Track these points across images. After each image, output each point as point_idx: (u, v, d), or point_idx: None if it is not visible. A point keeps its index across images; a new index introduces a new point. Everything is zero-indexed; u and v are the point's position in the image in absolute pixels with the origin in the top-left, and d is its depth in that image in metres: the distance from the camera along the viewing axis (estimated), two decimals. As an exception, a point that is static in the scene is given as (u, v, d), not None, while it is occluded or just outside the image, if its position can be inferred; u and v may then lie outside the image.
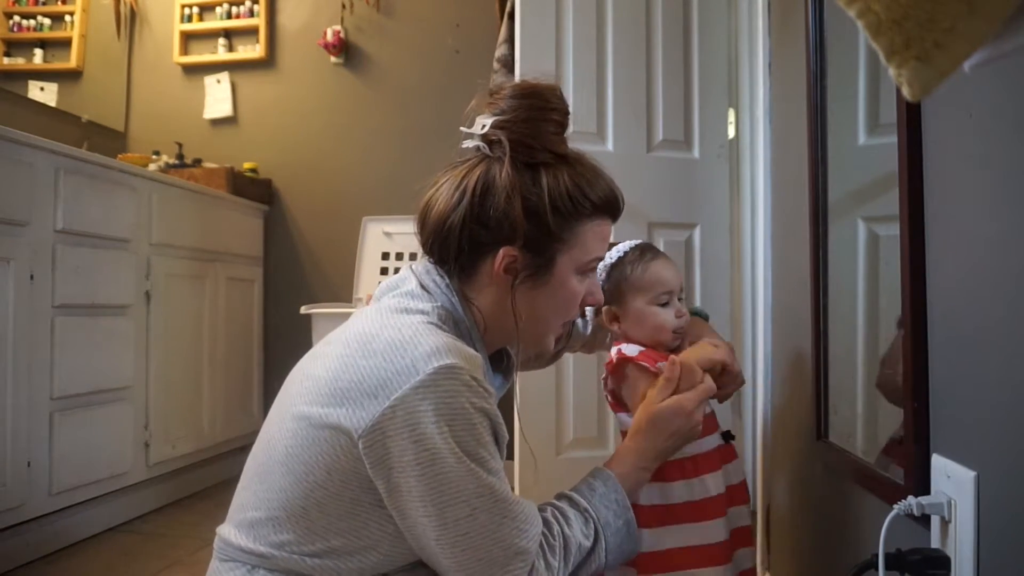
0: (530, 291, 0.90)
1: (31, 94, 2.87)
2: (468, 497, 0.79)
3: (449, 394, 0.78)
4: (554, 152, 0.90)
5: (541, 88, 0.91)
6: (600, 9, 2.36)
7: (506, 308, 0.90)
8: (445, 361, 0.78)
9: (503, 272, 0.88)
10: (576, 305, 0.94)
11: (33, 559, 1.91)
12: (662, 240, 2.37)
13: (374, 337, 0.82)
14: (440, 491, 0.78)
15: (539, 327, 0.93)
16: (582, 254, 0.91)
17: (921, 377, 0.80)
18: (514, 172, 0.86)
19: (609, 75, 2.35)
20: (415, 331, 0.81)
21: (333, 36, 3.02)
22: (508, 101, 0.89)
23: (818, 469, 1.25)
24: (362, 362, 0.81)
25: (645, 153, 2.36)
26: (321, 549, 0.82)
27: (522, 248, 0.87)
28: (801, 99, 1.32)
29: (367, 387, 0.79)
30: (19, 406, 1.83)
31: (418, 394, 0.77)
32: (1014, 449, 0.61)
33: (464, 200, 0.87)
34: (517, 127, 0.87)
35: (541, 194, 0.87)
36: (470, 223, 0.87)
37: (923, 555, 0.71)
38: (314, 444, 0.81)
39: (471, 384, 0.79)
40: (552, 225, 0.88)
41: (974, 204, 0.70)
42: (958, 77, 0.43)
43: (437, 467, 0.77)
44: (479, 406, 0.80)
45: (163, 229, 2.38)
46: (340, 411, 0.80)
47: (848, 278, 1.11)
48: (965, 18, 0.39)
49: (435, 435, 0.77)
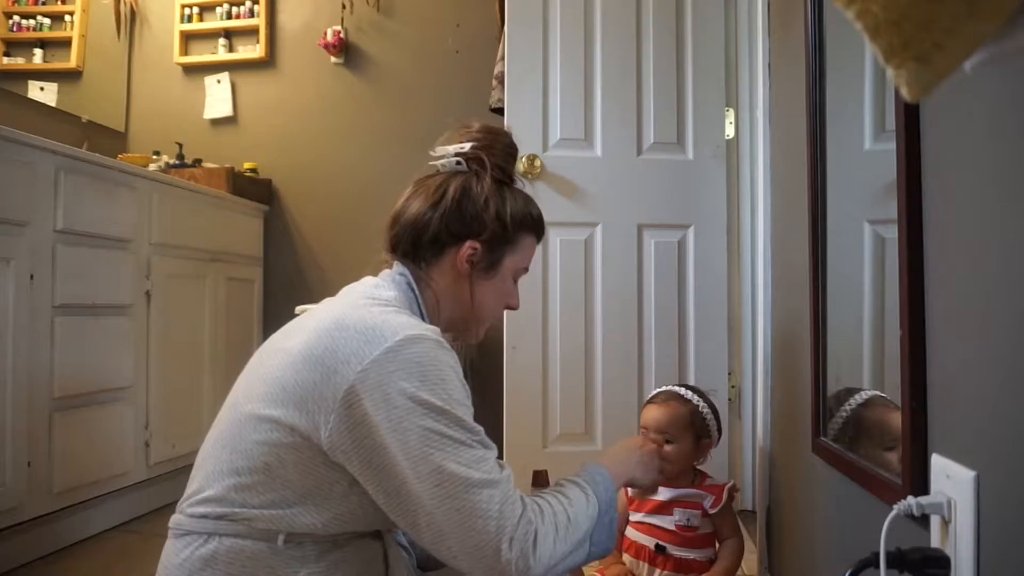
0: (481, 281, 1.10)
1: (31, 94, 2.87)
2: (431, 451, 0.87)
3: (417, 355, 0.89)
4: (511, 178, 1.14)
5: (500, 128, 1.17)
6: (588, 17, 2.38)
7: (457, 294, 1.09)
8: (412, 332, 0.91)
9: (465, 261, 1.07)
10: (505, 302, 1.16)
11: (33, 559, 1.91)
12: (653, 241, 2.38)
13: (346, 316, 0.95)
14: (408, 446, 0.86)
15: (480, 314, 1.13)
16: (520, 260, 1.14)
17: (920, 377, 0.80)
18: (492, 184, 1.09)
19: (598, 80, 2.37)
20: (383, 312, 0.95)
21: (333, 36, 3.02)
22: (481, 133, 1.12)
23: (818, 469, 1.25)
24: (337, 334, 0.91)
25: (635, 156, 2.38)
26: (278, 499, 0.89)
27: (484, 243, 1.08)
28: (801, 99, 1.32)
29: (341, 356, 0.89)
30: (19, 406, 1.83)
31: (387, 356, 0.88)
32: (1014, 449, 0.62)
33: (444, 202, 1.07)
34: (490, 150, 1.10)
35: (506, 203, 1.09)
36: (448, 218, 1.06)
37: (923, 554, 0.71)
38: (281, 407, 0.90)
39: (438, 345, 0.92)
40: (509, 228, 1.09)
41: (973, 204, 0.70)
42: (958, 78, 0.43)
43: (410, 420, 0.87)
44: (448, 363, 0.92)
45: (163, 229, 2.38)
46: (316, 374, 0.89)
47: (855, 282, 1.11)
48: (964, 19, 0.39)
49: (407, 390, 0.87)
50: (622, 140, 2.37)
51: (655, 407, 1.51)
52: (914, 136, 0.82)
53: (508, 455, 2.30)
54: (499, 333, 2.40)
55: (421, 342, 0.90)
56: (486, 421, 0.96)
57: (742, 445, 2.45)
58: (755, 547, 1.92)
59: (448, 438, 0.88)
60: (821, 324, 1.22)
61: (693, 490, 1.49)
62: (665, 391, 1.54)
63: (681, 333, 2.37)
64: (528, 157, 2.32)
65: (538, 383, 2.33)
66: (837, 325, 1.18)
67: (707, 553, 1.48)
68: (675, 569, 1.45)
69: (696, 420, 1.48)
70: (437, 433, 0.87)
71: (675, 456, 1.47)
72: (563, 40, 2.37)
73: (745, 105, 2.47)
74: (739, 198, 2.47)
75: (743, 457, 2.45)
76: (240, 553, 0.88)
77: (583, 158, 2.36)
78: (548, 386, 2.34)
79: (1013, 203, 0.62)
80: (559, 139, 2.36)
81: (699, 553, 1.47)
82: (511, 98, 2.36)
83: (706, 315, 2.38)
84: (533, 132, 2.35)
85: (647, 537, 1.48)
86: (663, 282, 2.37)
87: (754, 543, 1.98)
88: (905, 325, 0.81)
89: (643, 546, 1.49)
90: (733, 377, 2.45)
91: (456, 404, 0.90)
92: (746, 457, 2.45)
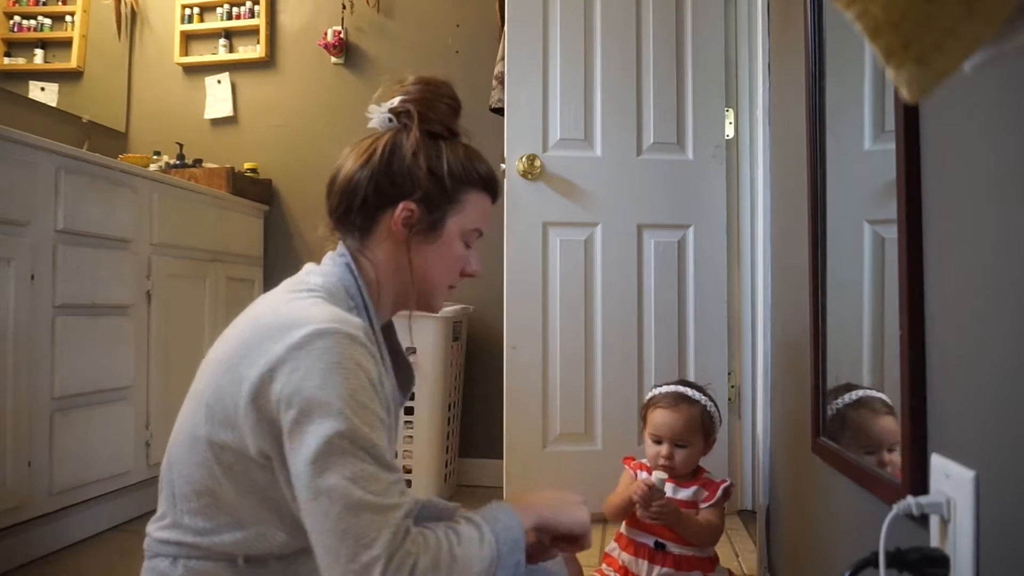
0: (422, 246, 1.00)
1: (32, 94, 2.87)
2: (319, 459, 0.79)
3: (320, 352, 0.82)
4: (449, 128, 1.03)
5: (438, 79, 1.06)
6: (588, 17, 2.38)
7: (399, 264, 1.00)
8: (319, 326, 0.83)
9: (400, 224, 0.98)
10: (458, 268, 1.05)
11: (33, 559, 1.91)
12: (653, 241, 2.38)
13: (263, 315, 0.90)
14: (303, 450, 0.80)
15: (428, 284, 1.03)
16: (467, 220, 1.03)
17: (919, 376, 0.80)
18: (420, 136, 0.99)
19: (598, 81, 2.38)
20: (302, 306, 0.88)
21: (333, 36, 3.02)
22: (412, 86, 1.03)
23: (818, 469, 1.25)
24: (249, 337, 0.87)
25: (635, 157, 2.38)
26: (233, 521, 0.86)
27: (419, 203, 0.98)
28: (800, 99, 1.33)
29: (251, 358, 0.85)
30: (19, 406, 1.83)
31: (289, 353, 0.82)
32: (1014, 449, 0.62)
33: (372, 160, 0.99)
34: (422, 103, 1.01)
35: (440, 157, 1.00)
36: (377, 177, 0.98)
37: (922, 554, 0.71)
38: (207, 423, 0.88)
39: (346, 342, 0.83)
40: (448, 185, 1.00)
41: (973, 204, 0.70)
42: (958, 78, 0.43)
43: (305, 424, 0.80)
44: (357, 362, 0.83)
45: (164, 229, 2.38)
46: (228, 386, 0.85)
47: (855, 282, 1.12)
48: (964, 20, 0.39)
49: (305, 390, 0.81)
50: (622, 140, 2.37)
51: (665, 412, 1.49)
52: (914, 136, 0.82)
53: (508, 455, 2.30)
54: (499, 333, 2.40)
55: (327, 337, 0.82)
56: (486, 421, 0.95)
57: (742, 445, 2.45)
58: (755, 547, 1.92)
59: (338, 448, 0.79)
60: (821, 324, 1.22)
61: (694, 488, 1.49)
62: (670, 393, 1.53)
63: (681, 333, 2.38)
64: (528, 157, 2.32)
65: (538, 383, 2.33)
66: (837, 325, 1.18)
67: (706, 551, 1.49)
68: (674, 566, 1.45)
69: (706, 419, 1.50)
70: (326, 441, 0.79)
71: (689, 459, 1.48)
72: (563, 40, 2.37)
73: (745, 105, 2.47)
74: (739, 198, 2.47)
75: (743, 457, 2.45)
76: (204, 574, 0.87)
77: (583, 158, 2.36)
78: (548, 386, 2.34)
79: (1013, 203, 0.62)
80: (559, 139, 2.36)
81: (699, 551, 1.47)
82: (511, 98, 2.36)
83: (706, 315, 2.38)
84: (533, 132, 2.35)
85: (646, 534, 1.49)
86: (663, 282, 2.37)
87: (754, 543, 1.98)
88: (905, 325, 0.81)
89: (642, 544, 1.49)
90: (733, 377, 2.45)
91: (357, 409, 0.81)
92: (746, 457, 2.45)
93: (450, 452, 2.60)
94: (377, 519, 0.78)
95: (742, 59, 2.48)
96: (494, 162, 2.49)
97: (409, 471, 2.42)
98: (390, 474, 0.82)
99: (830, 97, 1.20)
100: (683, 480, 1.51)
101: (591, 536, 1.02)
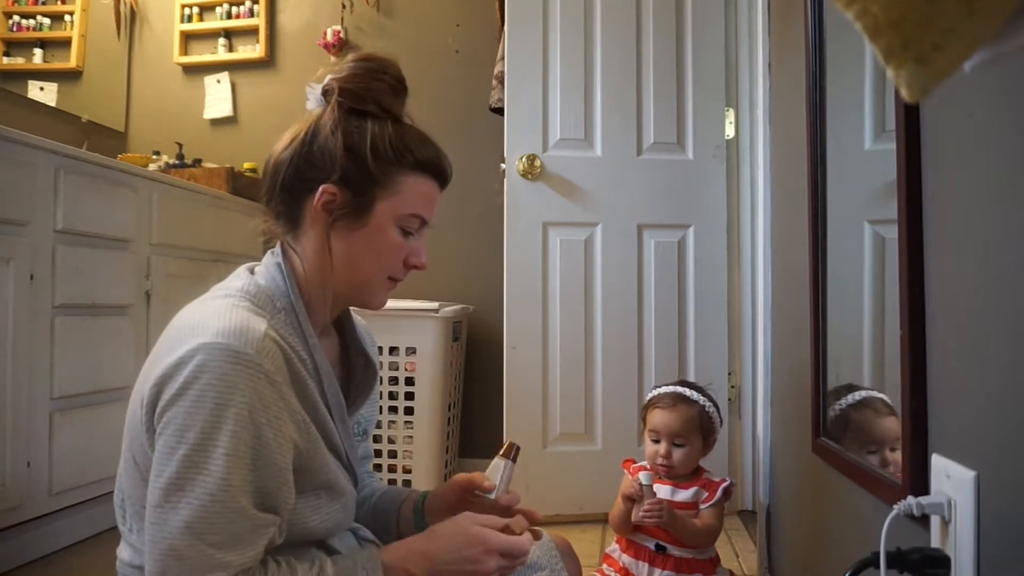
0: (348, 232, 0.91)
1: (31, 94, 2.87)
2: (165, 486, 0.76)
3: (198, 371, 0.76)
4: (383, 108, 0.94)
5: (379, 55, 0.98)
6: (588, 17, 2.38)
7: (326, 254, 0.92)
8: (205, 340, 0.77)
9: (321, 209, 0.90)
10: (397, 258, 0.95)
11: (33, 559, 1.91)
12: (653, 241, 2.38)
13: (174, 322, 0.86)
14: (155, 468, 0.77)
15: (357, 274, 0.93)
16: (401, 205, 0.93)
17: (920, 377, 0.80)
18: (339, 113, 0.92)
19: (598, 80, 2.38)
20: (206, 314, 0.82)
21: (333, 36, 3.02)
22: (347, 64, 0.95)
23: (818, 469, 1.25)
24: (157, 346, 0.84)
25: (635, 156, 2.38)
26: None
27: (341, 186, 0.90)
28: (801, 99, 1.32)
29: (150, 368, 0.81)
30: (19, 406, 1.83)
31: (175, 367, 0.77)
32: (1014, 449, 0.61)
33: (296, 141, 0.92)
34: (349, 80, 0.93)
35: (363, 135, 0.91)
36: (297, 159, 0.91)
37: (923, 554, 0.71)
38: (129, 436, 0.86)
39: (227, 363, 0.77)
40: (371, 166, 0.90)
41: (973, 204, 0.70)
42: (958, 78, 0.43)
43: (161, 443, 0.77)
44: (232, 383, 0.76)
45: (163, 229, 2.38)
46: (137, 396, 0.83)
47: (855, 282, 1.12)
48: (964, 19, 0.39)
49: (177, 415, 0.76)
50: (622, 140, 2.37)
51: (663, 412, 1.50)
52: (914, 136, 0.82)
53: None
54: (499, 333, 2.40)
55: (209, 352, 0.76)
56: (486, 421, 0.93)
57: (742, 445, 2.45)
58: (755, 547, 1.92)
59: (186, 479, 0.75)
60: (821, 324, 1.22)
61: (694, 489, 1.49)
62: (669, 393, 1.53)
63: (681, 333, 2.38)
64: (528, 157, 2.32)
65: (538, 383, 2.33)
66: (837, 325, 1.18)
67: (707, 552, 1.49)
68: (675, 569, 1.45)
69: (704, 420, 1.50)
70: (178, 472, 0.75)
71: (687, 458, 1.48)
72: (563, 40, 2.37)
73: (745, 105, 2.47)
74: (739, 198, 2.47)
75: (743, 457, 2.45)
76: None
77: (583, 158, 2.36)
78: (548, 386, 2.34)
79: (1013, 203, 0.62)
80: (559, 139, 2.36)
81: (699, 553, 1.47)
82: (511, 98, 2.36)
83: (706, 315, 2.38)
84: (533, 132, 2.35)
85: (647, 537, 1.49)
86: (663, 282, 2.37)
87: (754, 543, 1.98)
88: (905, 325, 0.81)
89: (643, 546, 1.49)
90: (733, 377, 2.45)
91: (222, 439, 0.75)
92: (746, 457, 2.45)
93: (450, 452, 2.60)
94: (198, 567, 0.74)
95: (742, 59, 2.48)
96: (494, 162, 2.51)
97: (409, 471, 2.42)
98: (239, 519, 0.76)
99: (830, 97, 1.20)
100: (683, 481, 1.51)
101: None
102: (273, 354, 0.81)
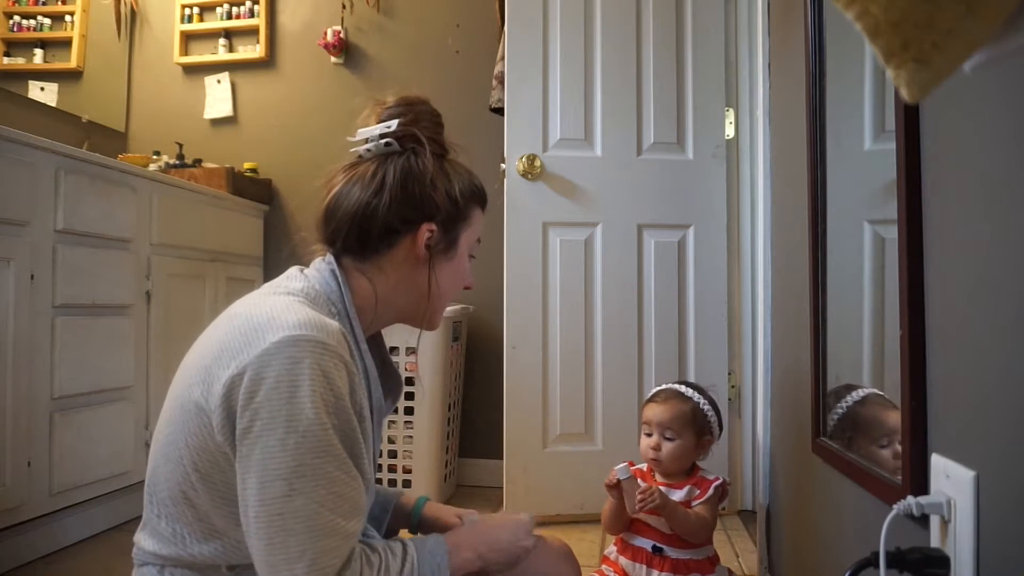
0: (441, 264, 1.02)
1: (31, 94, 2.87)
2: (287, 475, 0.78)
3: (292, 359, 0.80)
4: (446, 148, 1.04)
5: (422, 97, 1.05)
6: (588, 17, 2.38)
7: (415, 282, 1.00)
8: (295, 332, 0.81)
9: (424, 246, 0.99)
10: (465, 282, 1.07)
11: (33, 559, 1.91)
12: (653, 241, 2.38)
13: (238, 315, 0.88)
14: (265, 463, 0.79)
15: (442, 300, 1.04)
16: (473, 234, 1.05)
17: (920, 376, 0.80)
18: (433, 160, 1.00)
19: (598, 80, 2.38)
20: (277, 309, 0.86)
21: (333, 36, 3.02)
22: (401, 106, 1.02)
23: (817, 469, 1.25)
24: (224, 338, 0.85)
25: (635, 156, 2.38)
26: (209, 530, 0.86)
27: (439, 225, 1.00)
28: (801, 99, 1.33)
29: (223, 360, 0.83)
30: (19, 406, 1.83)
31: (261, 360, 0.80)
32: (1014, 449, 0.62)
33: (385, 187, 0.97)
34: (424, 125, 1.01)
35: (451, 180, 1.01)
36: (396, 204, 0.97)
37: (923, 554, 0.71)
38: (183, 425, 0.86)
39: (318, 351, 0.81)
40: (461, 204, 1.02)
41: (973, 204, 0.70)
42: (958, 78, 0.43)
43: (268, 437, 0.79)
44: (328, 371, 0.81)
45: (163, 229, 2.38)
46: (201, 386, 0.84)
47: (855, 282, 1.12)
48: (963, 20, 0.39)
49: (272, 400, 0.79)
50: (622, 140, 2.37)
51: (656, 405, 1.52)
52: (914, 136, 0.82)
53: (508, 455, 2.30)
54: (499, 333, 2.40)
55: (298, 344, 0.80)
56: (486, 421, 0.95)
57: (742, 445, 2.45)
58: (755, 547, 1.92)
59: (307, 465, 0.79)
60: (821, 324, 1.22)
61: (687, 488, 1.49)
62: (666, 389, 1.54)
63: (681, 333, 2.38)
64: (528, 157, 2.32)
65: (538, 383, 2.33)
66: (837, 325, 1.18)
67: (705, 552, 1.48)
68: (672, 570, 1.45)
69: (698, 417, 1.49)
70: (296, 457, 0.78)
71: (677, 452, 1.48)
72: (563, 40, 2.37)
73: (745, 105, 2.47)
74: (739, 198, 2.48)
75: (743, 457, 2.45)
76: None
77: (583, 158, 2.36)
78: (548, 386, 2.34)
79: (1013, 203, 0.62)
80: (559, 139, 2.36)
81: (696, 553, 1.47)
82: (511, 98, 2.36)
83: (706, 315, 2.38)
84: (533, 132, 2.35)
85: (643, 539, 1.49)
86: (663, 282, 2.37)
87: (754, 543, 1.98)
88: (905, 325, 0.81)
89: (640, 548, 1.49)
90: (733, 377, 2.45)
91: (322, 422, 0.80)
92: (746, 457, 2.45)
93: (450, 452, 2.60)
94: (340, 545, 0.80)
95: (742, 59, 2.48)
96: (495, 162, 2.51)
97: (409, 471, 2.42)
98: (355, 486, 0.83)
99: (830, 97, 1.20)
100: (676, 480, 1.51)
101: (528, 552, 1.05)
102: (346, 349, 0.87)
